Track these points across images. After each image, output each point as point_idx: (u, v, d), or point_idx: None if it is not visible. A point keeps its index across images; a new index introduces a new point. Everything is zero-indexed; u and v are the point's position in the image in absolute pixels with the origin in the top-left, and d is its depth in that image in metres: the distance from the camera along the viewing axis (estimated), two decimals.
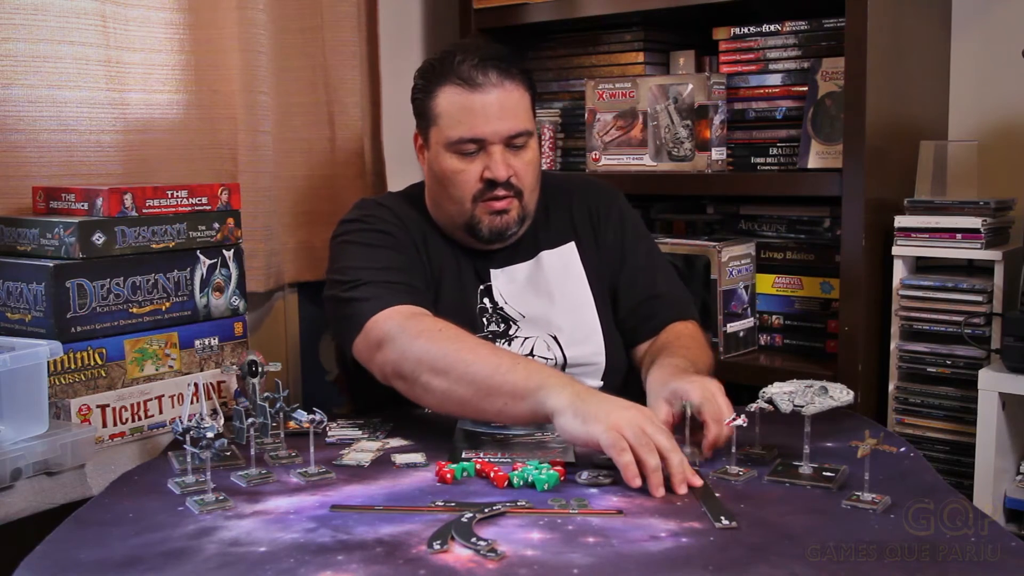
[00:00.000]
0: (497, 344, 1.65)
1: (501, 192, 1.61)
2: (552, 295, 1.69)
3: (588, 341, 1.68)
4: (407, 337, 1.47)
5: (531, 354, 1.65)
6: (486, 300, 1.69)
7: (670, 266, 1.85)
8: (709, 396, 1.37)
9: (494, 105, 1.60)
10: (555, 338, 1.67)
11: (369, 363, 1.53)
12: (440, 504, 1.20)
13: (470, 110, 1.60)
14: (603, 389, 1.64)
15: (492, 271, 1.70)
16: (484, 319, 1.68)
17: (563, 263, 1.72)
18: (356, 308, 1.54)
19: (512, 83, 1.62)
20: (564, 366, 1.66)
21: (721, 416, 1.35)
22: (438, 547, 1.06)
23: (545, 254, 1.72)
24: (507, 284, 1.70)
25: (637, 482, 1.24)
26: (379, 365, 1.50)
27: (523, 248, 1.72)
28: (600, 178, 2.13)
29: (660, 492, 1.23)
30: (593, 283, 1.72)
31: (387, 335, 1.49)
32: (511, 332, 1.67)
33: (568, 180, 1.82)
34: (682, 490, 1.23)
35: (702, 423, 1.36)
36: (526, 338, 1.67)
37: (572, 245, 1.74)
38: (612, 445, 1.25)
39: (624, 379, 1.69)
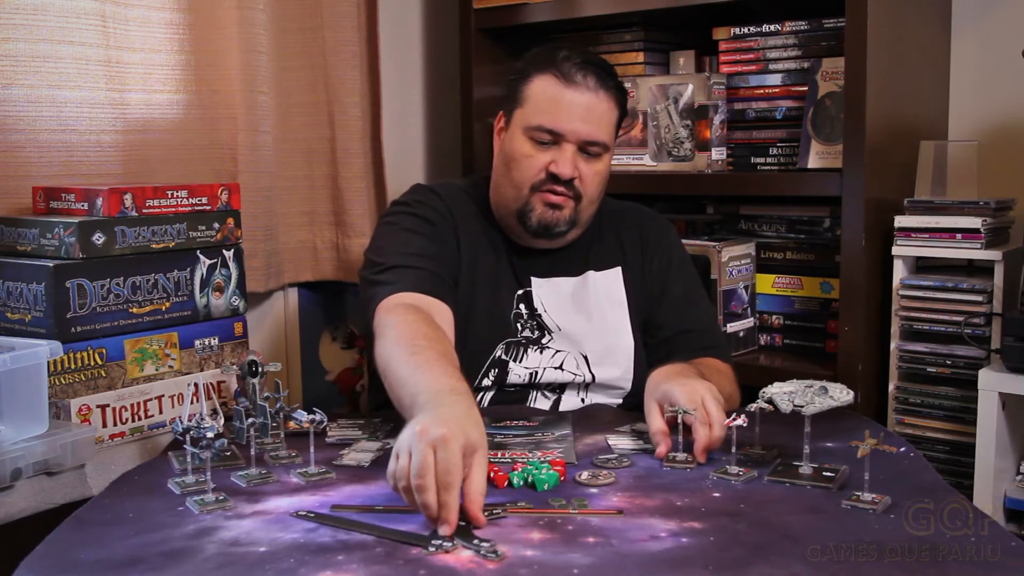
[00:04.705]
0: (529, 351, 1.66)
1: (560, 188, 1.63)
2: (591, 315, 1.70)
3: (617, 365, 1.69)
4: (381, 333, 1.47)
5: (560, 367, 1.67)
6: (522, 306, 1.69)
7: (711, 306, 1.86)
8: (697, 401, 1.36)
9: (582, 107, 1.62)
10: (585, 357, 1.68)
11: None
12: None
13: (558, 102, 1.62)
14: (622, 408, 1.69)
15: (534, 279, 1.70)
16: (519, 324, 1.68)
17: (607, 286, 1.73)
18: (374, 292, 1.56)
19: (606, 94, 1.64)
20: (590, 385, 1.68)
21: (708, 420, 1.35)
22: (438, 547, 1.07)
23: (592, 274, 1.73)
24: (550, 294, 1.70)
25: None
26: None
27: (571, 263, 1.73)
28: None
29: (444, 530, 1.09)
30: (632, 309, 1.73)
31: (377, 328, 1.50)
32: (544, 341, 1.68)
33: (624, 207, 1.83)
34: (443, 531, 1.09)
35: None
36: (557, 351, 1.68)
37: (619, 270, 1.75)
38: (390, 475, 1.16)
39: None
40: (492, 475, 1.28)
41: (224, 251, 1.73)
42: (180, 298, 1.66)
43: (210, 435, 1.22)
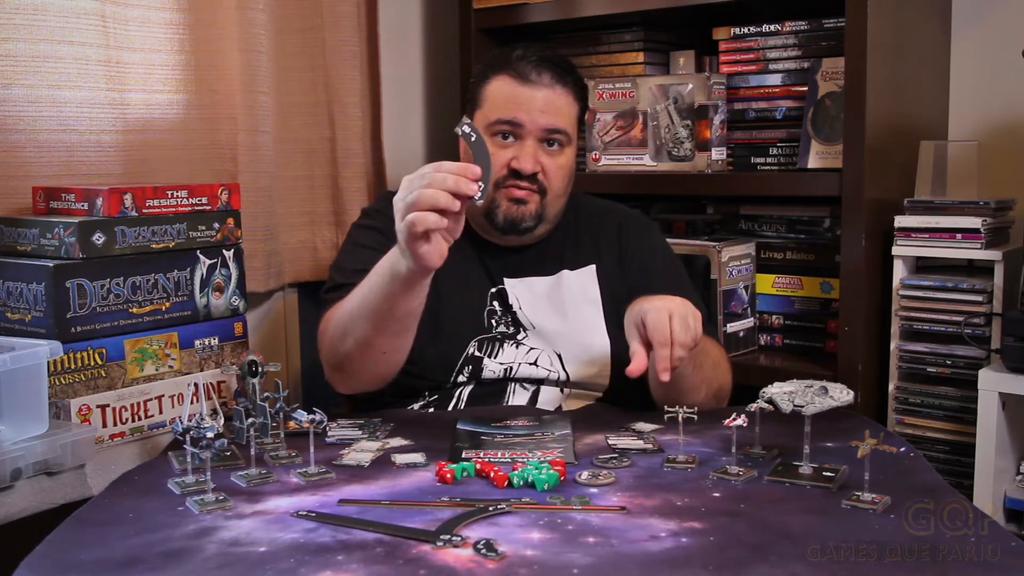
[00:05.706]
0: (505, 346, 1.67)
1: (524, 184, 1.64)
2: (566, 314, 1.70)
3: (593, 363, 1.69)
4: (329, 328, 1.58)
5: (535, 363, 1.67)
6: (496, 303, 1.70)
7: (698, 296, 1.83)
8: (664, 319, 1.38)
9: (540, 100, 1.65)
10: (559, 356, 1.68)
11: (323, 363, 1.64)
12: (447, 499, 1.20)
13: (515, 99, 1.65)
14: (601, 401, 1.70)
15: (508, 279, 1.71)
16: (493, 320, 1.69)
17: (581, 285, 1.73)
18: (323, 308, 1.64)
19: (563, 88, 1.67)
20: (566, 383, 1.68)
21: (665, 339, 1.37)
22: (447, 541, 1.07)
23: (566, 273, 1.73)
24: (525, 292, 1.71)
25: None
26: (324, 362, 1.62)
27: (546, 263, 1.73)
28: (634, 208, 2.10)
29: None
30: (608, 307, 1.72)
31: (322, 329, 1.61)
32: (519, 337, 1.68)
33: (604, 206, 1.84)
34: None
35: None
36: (531, 348, 1.68)
37: (592, 268, 1.75)
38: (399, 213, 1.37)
39: (628, 401, 1.67)
40: (492, 475, 1.28)
41: (224, 251, 1.73)
42: (180, 298, 1.66)
43: (210, 435, 1.22)
